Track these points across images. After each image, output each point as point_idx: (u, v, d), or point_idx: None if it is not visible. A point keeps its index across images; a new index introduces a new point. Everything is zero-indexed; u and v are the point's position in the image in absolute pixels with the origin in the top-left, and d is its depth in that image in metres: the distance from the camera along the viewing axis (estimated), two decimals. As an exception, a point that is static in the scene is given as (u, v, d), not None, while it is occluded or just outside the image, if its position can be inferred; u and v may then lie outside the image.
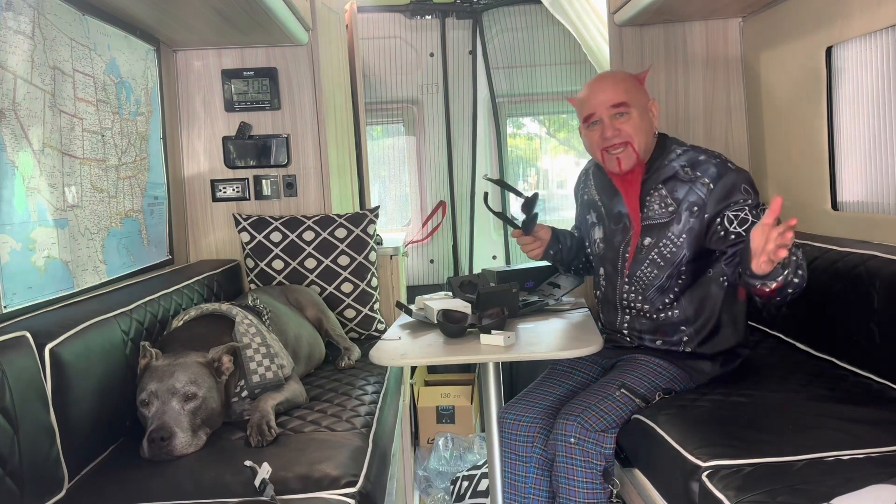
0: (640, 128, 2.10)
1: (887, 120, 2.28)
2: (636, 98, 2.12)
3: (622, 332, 2.24)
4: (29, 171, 1.89)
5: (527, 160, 4.37)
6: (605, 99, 2.10)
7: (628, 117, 2.09)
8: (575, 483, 1.93)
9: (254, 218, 3.03)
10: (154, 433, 1.79)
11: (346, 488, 1.66)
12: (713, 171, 2.05)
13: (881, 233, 2.28)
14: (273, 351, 2.14)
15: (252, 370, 2.07)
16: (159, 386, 1.86)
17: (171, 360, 1.93)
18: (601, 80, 2.19)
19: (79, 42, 2.21)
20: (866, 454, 1.58)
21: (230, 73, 3.16)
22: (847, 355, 2.15)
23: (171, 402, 1.85)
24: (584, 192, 2.41)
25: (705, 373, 2.12)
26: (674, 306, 2.13)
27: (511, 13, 4.02)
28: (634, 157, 2.10)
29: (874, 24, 2.25)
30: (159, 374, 1.89)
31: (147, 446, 1.79)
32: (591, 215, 2.35)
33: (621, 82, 2.14)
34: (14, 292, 1.81)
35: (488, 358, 2.05)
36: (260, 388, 2.07)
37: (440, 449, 3.48)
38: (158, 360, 1.94)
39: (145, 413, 1.86)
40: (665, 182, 2.11)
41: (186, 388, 1.87)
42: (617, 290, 2.22)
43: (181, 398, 1.86)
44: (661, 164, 2.14)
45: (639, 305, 2.18)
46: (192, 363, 1.93)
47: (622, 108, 2.09)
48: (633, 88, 2.14)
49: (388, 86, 4.07)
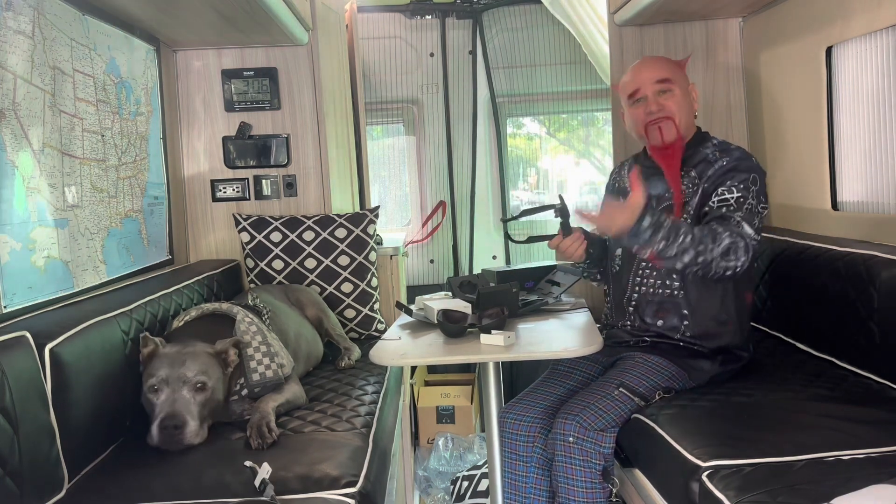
0: (683, 106, 2.21)
1: (887, 120, 2.28)
2: (679, 77, 2.24)
3: (626, 312, 2.25)
4: (29, 171, 1.89)
5: (527, 160, 4.37)
6: (651, 75, 2.22)
7: (671, 94, 2.20)
8: (574, 482, 1.93)
9: (254, 218, 3.03)
10: (166, 420, 1.79)
11: (346, 488, 1.66)
12: (737, 153, 2.18)
13: (881, 233, 2.28)
14: (273, 350, 2.14)
15: (252, 369, 2.07)
16: (170, 373, 1.86)
17: (181, 349, 1.93)
18: (645, 60, 2.33)
19: (79, 42, 2.21)
20: (866, 454, 1.58)
21: (230, 73, 3.16)
22: (847, 355, 2.15)
23: (181, 390, 1.85)
24: (616, 181, 2.50)
25: (705, 371, 2.12)
26: (681, 286, 2.16)
27: (511, 13, 4.02)
28: (675, 130, 2.19)
29: (874, 24, 2.25)
30: (170, 360, 1.88)
31: (157, 434, 1.79)
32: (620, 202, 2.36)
33: (665, 62, 2.28)
34: (14, 292, 1.81)
35: (488, 358, 2.05)
36: (260, 386, 2.07)
37: (440, 449, 3.48)
38: (165, 347, 1.94)
39: (153, 400, 1.85)
40: (696, 165, 2.20)
41: (197, 377, 1.87)
42: (633, 267, 2.24)
43: (192, 387, 1.86)
44: (696, 151, 2.23)
45: (650, 282, 2.21)
46: (201, 353, 1.94)
47: (666, 83, 2.20)
48: (676, 69, 2.26)
49: (388, 86, 4.06)
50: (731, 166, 2.13)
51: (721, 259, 1.96)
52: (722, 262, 1.97)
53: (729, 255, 1.96)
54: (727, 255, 1.96)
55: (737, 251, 1.97)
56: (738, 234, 1.99)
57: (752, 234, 2.01)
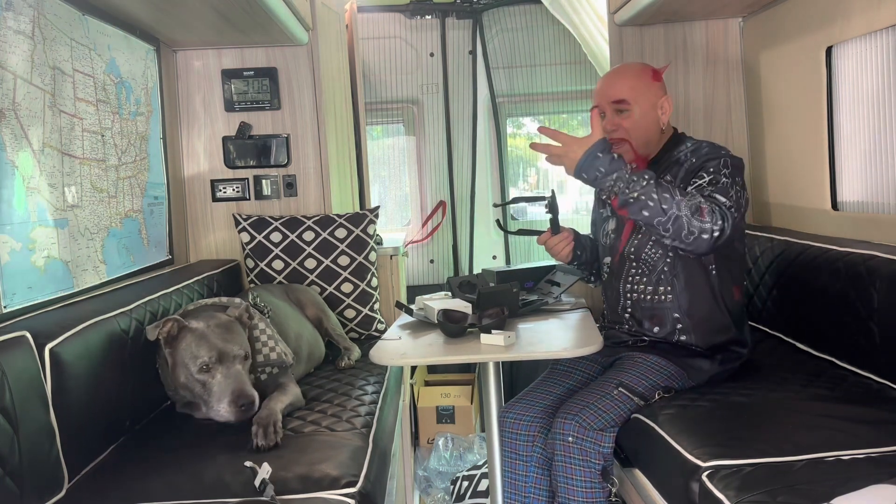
0: (640, 125, 2.16)
1: (887, 120, 2.28)
2: (640, 95, 2.16)
3: (623, 318, 2.25)
4: (29, 171, 1.89)
5: (527, 160, 4.37)
6: (609, 93, 2.19)
7: (628, 114, 2.16)
8: (573, 482, 1.93)
9: (254, 218, 3.03)
10: (241, 399, 1.89)
11: (346, 488, 1.66)
12: (706, 149, 2.14)
13: (881, 233, 2.28)
14: (276, 336, 2.18)
15: (258, 350, 2.10)
16: (220, 350, 1.93)
17: (212, 323, 1.99)
18: (609, 74, 2.29)
19: (79, 42, 2.21)
20: (866, 454, 1.58)
21: (230, 73, 3.16)
22: (847, 355, 2.15)
23: (235, 364, 1.93)
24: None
25: (704, 371, 2.12)
26: (667, 292, 2.15)
27: (511, 13, 4.02)
28: (632, 153, 2.16)
29: (874, 24, 2.25)
30: (213, 338, 1.95)
31: (232, 412, 1.89)
32: (605, 209, 2.39)
33: (627, 79, 2.19)
34: (14, 292, 1.81)
35: (488, 358, 2.05)
36: (264, 367, 2.11)
37: (440, 449, 3.48)
38: (192, 323, 1.99)
39: (206, 379, 1.93)
40: (669, 169, 2.17)
41: (241, 350, 1.97)
42: (623, 274, 2.24)
43: (241, 360, 1.96)
44: (671, 157, 2.19)
45: (640, 288, 2.19)
46: (231, 323, 2.02)
47: (622, 104, 2.17)
48: (640, 85, 2.18)
49: (388, 86, 4.07)
50: (702, 160, 2.10)
51: (694, 218, 1.91)
52: (695, 221, 1.91)
53: (702, 215, 1.91)
54: (699, 214, 1.91)
55: (712, 213, 1.92)
56: (710, 200, 1.96)
57: (724, 201, 1.97)
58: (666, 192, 1.93)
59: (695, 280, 2.13)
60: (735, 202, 1.99)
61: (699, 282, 2.13)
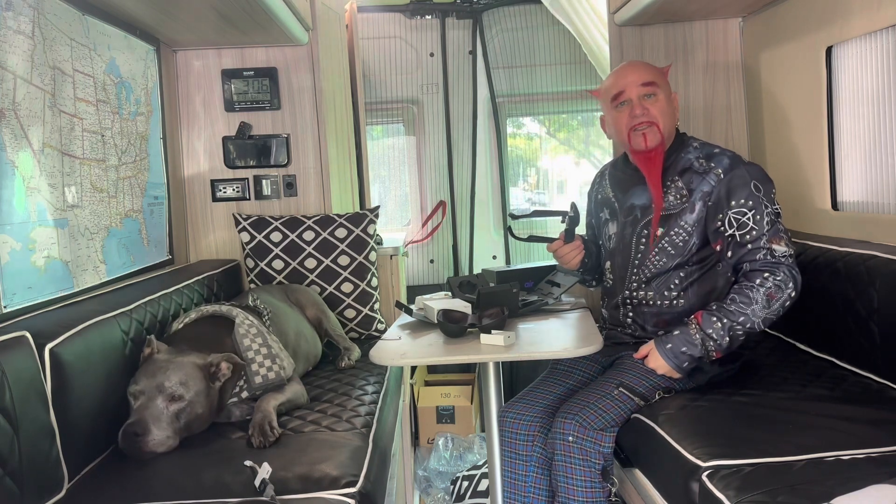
0: (666, 112, 2.18)
1: (887, 120, 2.28)
2: (663, 83, 2.21)
3: (625, 323, 2.25)
4: (29, 171, 1.89)
5: (527, 160, 4.37)
6: (636, 78, 2.18)
7: (656, 99, 2.17)
8: (573, 482, 1.93)
9: (254, 218, 3.03)
10: (130, 426, 1.79)
11: (346, 488, 1.66)
12: (727, 162, 2.12)
13: (881, 233, 2.28)
14: (274, 352, 2.14)
15: (254, 371, 2.07)
16: (149, 382, 1.87)
17: (170, 357, 1.93)
18: (630, 63, 2.30)
19: (79, 42, 2.21)
20: (866, 454, 1.58)
21: (230, 73, 3.16)
22: (847, 355, 2.15)
23: (156, 398, 1.85)
24: (598, 192, 2.47)
25: (704, 372, 2.12)
26: (680, 296, 2.16)
27: (511, 13, 4.02)
28: (659, 136, 2.16)
29: (874, 24, 2.25)
30: (153, 369, 1.89)
31: (121, 437, 1.80)
32: (604, 213, 2.39)
33: (650, 67, 2.25)
34: (14, 292, 1.81)
35: (488, 358, 2.05)
36: (262, 388, 2.07)
37: (440, 449, 3.48)
38: (159, 353, 1.95)
39: (132, 404, 1.87)
40: (682, 174, 2.17)
41: (175, 388, 1.87)
42: (626, 281, 2.24)
43: (167, 397, 1.86)
44: (678, 157, 2.19)
45: (642, 294, 2.20)
46: (187, 364, 1.93)
47: (651, 87, 2.17)
48: (661, 76, 2.23)
49: (388, 86, 4.06)
50: (733, 182, 2.08)
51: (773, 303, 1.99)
52: (775, 304, 2.00)
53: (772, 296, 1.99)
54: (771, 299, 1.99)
55: (778, 287, 2.00)
56: (769, 265, 2.01)
57: (783, 251, 2.03)
58: (741, 314, 1.99)
59: (711, 287, 2.16)
60: (787, 242, 2.05)
61: (715, 287, 2.16)
